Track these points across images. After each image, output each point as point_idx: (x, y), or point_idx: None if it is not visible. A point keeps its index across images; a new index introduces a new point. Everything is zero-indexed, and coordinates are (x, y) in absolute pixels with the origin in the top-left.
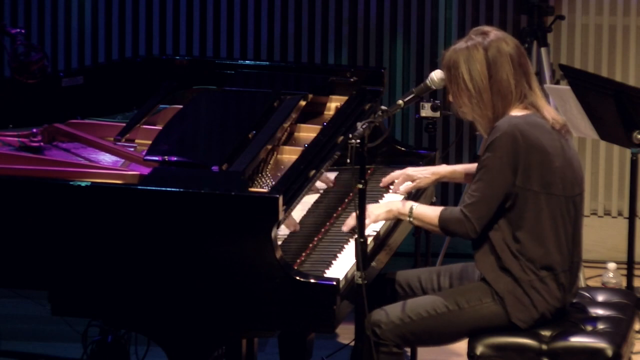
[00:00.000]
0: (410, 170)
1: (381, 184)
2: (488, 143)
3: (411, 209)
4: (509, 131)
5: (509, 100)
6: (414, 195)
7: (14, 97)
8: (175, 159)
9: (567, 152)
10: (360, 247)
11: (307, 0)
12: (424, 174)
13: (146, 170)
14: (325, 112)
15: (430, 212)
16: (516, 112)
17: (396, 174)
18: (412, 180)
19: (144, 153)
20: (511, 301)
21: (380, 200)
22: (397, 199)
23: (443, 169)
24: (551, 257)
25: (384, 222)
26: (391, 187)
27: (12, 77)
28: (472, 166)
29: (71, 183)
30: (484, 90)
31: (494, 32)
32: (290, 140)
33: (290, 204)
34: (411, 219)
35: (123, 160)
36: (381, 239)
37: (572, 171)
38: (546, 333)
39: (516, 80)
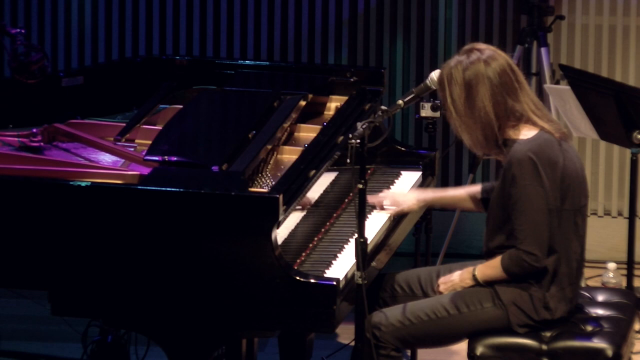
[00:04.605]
0: (397, 195)
1: (373, 202)
2: (508, 177)
3: (474, 277)
4: (524, 158)
5: (492, 125)
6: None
7: (14, 97)
8: (175, 159)
9: (572, 163)
10: (360, 247)
11: (307, 1)
12: (409, 200)
13: (146, 170)
14: (325, 112)
15: (493, 272)
16: (523, 134)
17: (383, 195)
18: (398, 206)
19: (144, 153)
20: (515, 312)
21: None
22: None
23: (429, 196)
24: (560, 270)
25: (384, 221)
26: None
27: (12, 77)
28: (461, 191)
29: (71, 183)
30: (464, 115)
31: (476, 54)
32: (290, 140)
33: (290, 204)
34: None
35: (123, 160)
36: (381, 239)
37: (579, 182)
38: (546, 333)
39: (495, 102)
